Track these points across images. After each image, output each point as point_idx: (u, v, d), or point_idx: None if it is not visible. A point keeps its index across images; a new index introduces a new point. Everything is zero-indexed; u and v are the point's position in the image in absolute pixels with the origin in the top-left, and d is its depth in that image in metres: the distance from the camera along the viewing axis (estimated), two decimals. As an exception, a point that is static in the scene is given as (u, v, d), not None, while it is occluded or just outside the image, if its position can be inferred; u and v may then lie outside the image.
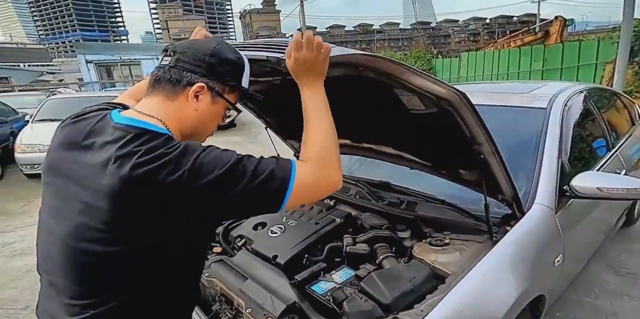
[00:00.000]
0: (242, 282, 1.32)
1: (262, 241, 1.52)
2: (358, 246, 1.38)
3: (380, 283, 1.11)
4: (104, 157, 0.66)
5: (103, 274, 0.69)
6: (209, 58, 0.77)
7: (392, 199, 1.62)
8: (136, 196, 0.64)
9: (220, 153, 0.68)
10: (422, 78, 0.91)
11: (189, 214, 0.66)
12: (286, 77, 1.33)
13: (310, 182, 0.73)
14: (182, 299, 0.82)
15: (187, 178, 0.63)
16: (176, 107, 0.76)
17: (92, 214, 0.66)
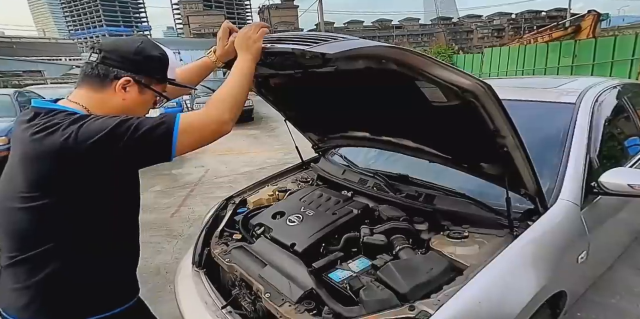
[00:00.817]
0: (261, 268, 1.36)
1: (281, 230, 1.55)
2: (375, 237, 1.39)
3: (397, 272, 1.12)
4: (19, 131, 0.84)
5: (26, 227, 0.84)
6: (133, 56, 0.90)
7: (410, 191, 1.62)
8: (38, 158, 0.79)
9: (108, 119, 0.80)
10: (445, 70, 0.91)
11: (89, 169, 0.80)
12: (307, 70, 1.35)
13: (197, 123, 0.85)
14: (117, 252, 0.96)
15: (75, 139, 0.76)
16: (102, 97, 0.90)
17: (15, 178, 0.83)
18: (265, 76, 1.63)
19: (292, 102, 1.89)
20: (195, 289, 1.52)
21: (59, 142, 0.77)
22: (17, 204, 0.83)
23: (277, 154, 6.08)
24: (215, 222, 1.81)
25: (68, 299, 0.88)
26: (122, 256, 1.00)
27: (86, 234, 0.87)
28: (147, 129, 0.79)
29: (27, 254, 0.84)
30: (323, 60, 0.90)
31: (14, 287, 0.87)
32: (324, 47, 0.85)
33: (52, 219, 0.83)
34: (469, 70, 6.36)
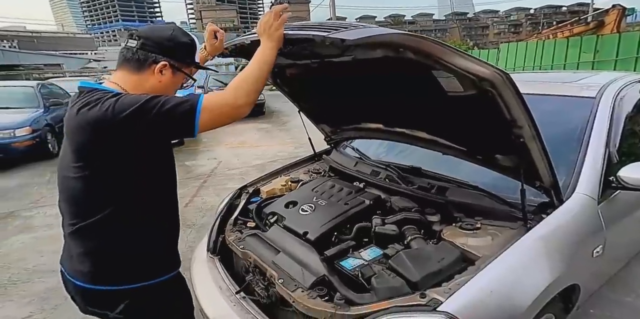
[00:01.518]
0: (274, 255, 1.39)
1: (293, 218, 1.58)
2: (387, 227, 1.40)
3: (409, 261, 1.13)
4: (68, 110, 0.96)
5: (79, 196, 0.97)
6: (167, 42, 1.01)
7: (422, 183, 1.62)
8: (79, 130, 0.90)
9: (140, 96, 0.90)
10: (464, 58, 0.90)
11: (121, 140, 0.89)
12: (324, 60, 1.36)
13: (217, 104, 0.92)
14: (157, 226, 1.06)
15: (111, 112, 0.86)
16: (139, 78, 1.00)
17: (66, 150, 0.96)
18: (282, 66, 1.65)
19: (307, 93, 1.90)
20: (210, 275, 1.57)
21: (96, 115, 0.87)
22: (70, 174, 0.95)
23: (288, 148, 6.11)
24: (229, 210, 1.85)
25: (120, 266, 1.00)
26: (163, 229, 1.09)
27: (127, 205, 0.98)
28: (173, 105, 0.88)
29: (84, 223, 0.97)
30: (342, 48, 0.90)
31: (77, 252, 1.00)
32: (344, 34, 0.86)
33: (96, 189, 0.95)
34: (485, 65, 6.09)
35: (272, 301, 1.31)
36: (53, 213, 3.65)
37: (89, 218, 0.96)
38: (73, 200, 0.99)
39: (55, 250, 2.76)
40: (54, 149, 6.19)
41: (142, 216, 1.01)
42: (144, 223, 1.02)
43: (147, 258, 1.04)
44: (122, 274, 1.00)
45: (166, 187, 1.09)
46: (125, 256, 1.00)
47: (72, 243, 1.02)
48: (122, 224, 0.98)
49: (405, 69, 1.14)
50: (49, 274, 2.48)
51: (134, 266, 1.01)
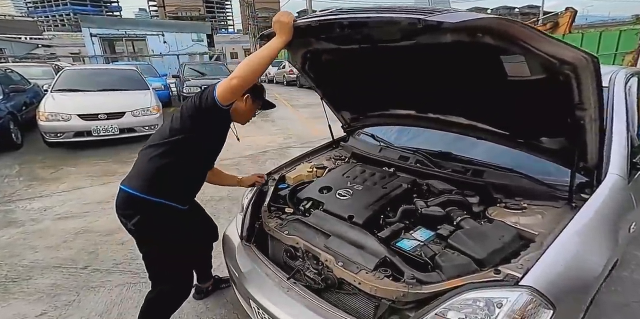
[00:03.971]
0: (325, 239, 1.39)
1: (333, 203, 1.58)
2: (433, 209, 1.44)
3: (469, 240, 1.18)
4: None
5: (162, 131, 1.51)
6: (255, 86, 1.55)
7: (456, 167, 1.68)
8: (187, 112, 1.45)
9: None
10: (552, 43, 0.92)
11: (197, 110, 1.42)
12: (376, 45, 1.36)
13: (223, 87, 1.35)
14: (196, 175, 1.58)
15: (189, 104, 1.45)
16: (238, 100, 1.48)
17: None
18: (320, 51, 1.63)
19: (336, 79, 1.89)
20: (252, 263, 1.55)
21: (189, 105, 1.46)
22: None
23: (276, 139, 6.04)
24: (260, 197, 1.82)
25: (153, 180, 1.43)
26: (194, 176, 1.58)
27: (183, 147, 1.45)
28: (207, 92, 1.41)
29: (153, 143, 1.48)
30: (433, 31, 0.91)
31: (137, 164, 1.50)
32: (442, 17, 0.86)
33: (172, 131, 1.46)
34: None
35: (328, 285, 1.32)
36: (35, 207, 3.41)
37: (154, 142, 1.47)
38: (157, 133, 1.52)
39: (50, 245, 2.64)
40: (17, 139, 5.74)
41: (188, 158, 1.47)
42: (186, 163, 1.48)
43: (173, 185, 1.47)
44: (150, 186, 1.42)
45: (212, 149, 1.59)
46: (161, 175, 1.44)
47: (137, 159, 1.51)
48: (173, 154, 1.45)
49: (468, 54, 1.17)
50: (49, 270, 2.34)
51: (161, 184, 1.44)
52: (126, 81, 6.42)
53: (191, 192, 1.61)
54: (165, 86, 9.58)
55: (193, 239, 1.69)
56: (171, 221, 1.49)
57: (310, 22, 1.20)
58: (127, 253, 2.52)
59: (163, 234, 1.49)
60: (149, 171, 1.44)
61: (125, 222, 1.47)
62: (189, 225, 1.61)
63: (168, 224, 1.48)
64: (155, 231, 1.48)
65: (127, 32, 18.38)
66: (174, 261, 1.55)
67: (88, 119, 5.31)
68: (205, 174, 1.63)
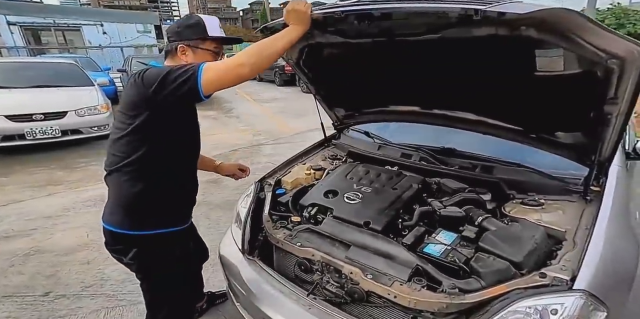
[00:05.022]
0: (345, 250, 1.29)
1: (343, 209, 1.48)
2: (451, 209, 1.40)
3: (502, 242, 1.15)
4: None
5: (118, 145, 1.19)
6: (177, 29, 1.25)
7: (463, 164, 1.66)
8: (134, 88, 1.10)
9: (157, 69, 1.09)
10: (604, 35, 0.87)
11: (153, 100, 1.07)
12: (393, 39, 1.26)
13: (220, 62, 1.09)
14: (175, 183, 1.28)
15: (141, 79, 1.08)
16: (175, 62, 1.23)
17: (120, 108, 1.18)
18: (323, 46, 1.50)
19: (334, 74, 1.76)
20: (261, 279, 1.40)
21: (136, 81, 1.12)
22: (116, 130, 1.19)
23: (245, 135, 5.76)
24: (257, 205, 1.66)
25: (136, 213, 1.22)
26: (180, 187, 1.31)
27: (152, 158, 1.17)
28: (182, 73, 1.03)
29: (114, 167, 1.21)
30: (480, 23, 0.83)
31: (109, 194, 1.28)
32: (503, 7, 0.78)
33: (130, 141, 1.16)
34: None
35: (354, 299, 1.22)
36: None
37: (119, 163, 1.18)
38: (111, 150, 1.21)
39: None
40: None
41: (164, 172, 1.22)
42: (164, 178, 1.22)
43: (164, 209, 1.26)
44: (136, 220, 1.21)
45: (188, 149, 1.31)
46: (145, 205, 1.21)
47: (108, 187, 1.26)
48: (145, 174, 1.18)
49: (492, 48, 1.12)
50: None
51: (149, 214, 1.23)
52: (65, 76, 5.69)
53: (189, 205, 1.41)
54: (110, 81, 8.73)
55: (192, 259, 1.52)
56: (173, 246, 1.32)
57: (333, 12, 1.07)
58: (97, 273, 2.21)
59: (167, 262, 1.32)
60: (128, 204, 1.20)
61: (119, 257, 1.30)
62: (188, 245, 1.44)
63: (170, 250, 1.31)
64: (159, 260, 1.30)
65: (56, 21, 16.36)
66: (176, 286, 1.40)
67: (19, 120, 4.61)
68: (195, 172, 1.39)
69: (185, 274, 1.44)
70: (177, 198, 1.32)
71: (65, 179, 3.94)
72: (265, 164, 4.38)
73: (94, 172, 4.17)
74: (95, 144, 5.25)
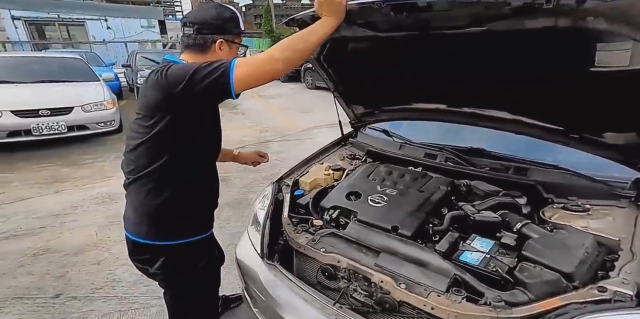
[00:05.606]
0: (374, 256, 1.21)
1: (367, 212, 1.40)
2: (486, 214, 1.31)
3: (548, 250, 1.07)
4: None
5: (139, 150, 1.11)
6: (216, 21, 1.14)
7: (492, 165, 1.57)
8: (156, 88, 1.03)
9: (181, 66, 1.03)
10: None
11: (180, 100, 1.00)
12: (428, 32, 1.17)
13: (250, 59, 0.98)
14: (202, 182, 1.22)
15: (165, 78, 1.00)
16: (205, 57, 1.15)
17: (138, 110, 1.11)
18: (350, 39, 1.41)
19: (355, 70, 1.68)
20: (282, 285, 1.33)
21: (159, 78, 1.03)
22: (134, 133, 1.12)
23: (251, 132, 5.69)
24: (276, 208, 1.59)
25: (161, 223, 1.17)
26: (202, 193, 1.24)
27: (173, 165, 1.10)
28: (212, 70, 0.95)
29: (136, 175, 1.13)
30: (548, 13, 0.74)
31: (129, 202, 1.22)
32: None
33: (152, 147, 1.09)
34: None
35: (384, 309, 1.15)
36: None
37: (141, 171, 1.11)
38: (130, 155, 1.14)
39: (1, 272, 2.16)
40: None
41: (189, 177, 1.15)
42: (189, 183, 1.16)
43: (189, 218, 1.20)
44: (163, 229, 1.16)
45: (212, 150, 1.24)
46: (170, 214, 1.15)
47: (128, 195, 1.19)
48: (170, 181, 1.12)
49: (540, 42, 1.03)
50: (9, 303, 1.91)
51: (174, 224, 1.17)
52: (70, 71, 5.63)
53: (213, 208, 1.34)
54: (115, 77, 8.66)
55: (216, 265, 1.47)
56: (201, 254, 1.28)
57: (372, 2, 1.00)
58: (108, 275, 2.15)
59: (195, 271, 1.27)
60: (154, 213, 1.15)
61: (145, 267, 1.24)
62: (214, 252, 1.40)
63: (198, 259, 1.27)
64: (187, 270, 1.25)
65: (60, 15, 16.28)
66: (201, 295, 1.35)
67: (25, 115, 4.55)
68: (216, 172, 1.32)
69: (210, 281, 1.40)
70: (203, 203, 1.26)
71: (72, 176, 3.89)
72: (274, 161, 4.30)
73: (100, 169, 4.12)
74: (101, 140, 5.20)
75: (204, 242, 1.27)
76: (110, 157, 4.53)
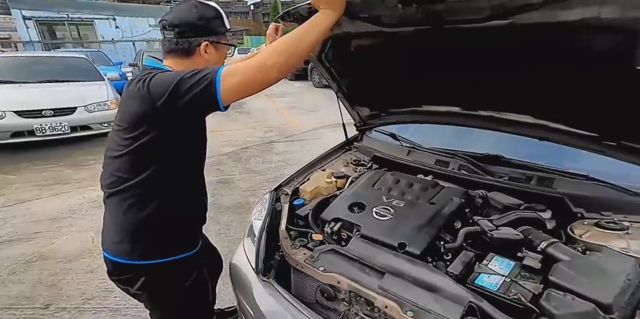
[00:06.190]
0: (378, 277, 1.09)
1: (372, 226, 1.27)
2: (505, 230, 1.18)
3: (581, 276, 0.93)
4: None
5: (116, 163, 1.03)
6: (199, 22, 1.04)
7: (512, 174, 1.43)
8: (138, 99, 0.94)
9: (165, 75, 0.94)
10: None
11: (163, 115, 0.92)
12: (441, 27, 1.04)
13: (240, 67, 0.88)
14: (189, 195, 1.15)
15: (147, 88, 0.91)
16: (190, 62, 1.06)
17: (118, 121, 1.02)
18: (353, 35, 1.28)
19: (360, 69, 1.55)
20: (279, 306, 1.21)
21: (138, 87, 0.95)
22: (114, 145, 1.03)
23: (256, 132, 5.59)
24: (273, 219, 1.47)
25: (141, 241, 1.08)
26: (187, 208, 1.16)
27: (155, 179, 1.02)
28: (197, 82, 0.87)
29: (113, 190, 1.06)
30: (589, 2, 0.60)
31: (106, 221, 1.14)
32: None
33: (130, 160, 1.01)
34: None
35: (390, 337, 1.03)
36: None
37: (121, 185, 1.03)
38: (109, 168, 1.06)
39: None
40: None
41: (174, 191, 1.08)
42: (174, 198, 1.08)
43: (173, 234, 1.12)
44: (146, 248, 1.07)
45: (198, 162, 1.17)
46: (152, 232, 1.07)
47: (106, 210, 1.10)
48: (153, 197, 1.04)
49: (581, 37, 0.89)
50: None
51: (157, 241, 1.09)
52: (75, 70, 5.61)
53: (200, 224, 1.26)
54: (122, 76, 8.66)
55: (207, 278, 1.37)
56: (186, 273, 1.19)
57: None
58: (100, 284, 2.07)
59: (180, 290, 1.19)
60: (134, 231, 1.06)
61: (126, 288, 1.15)
62: (201, 269, 1.28)
63: (183, 277, 1.18)
64: (170, 289, 1.18)
65: (70, 15, 16.42)
66: (190, 313, 1.27)
67: (28, 116, 4.53)
68: (204, 185, 1.25)
69: (200, 299, 1.30)
70: (189, 219, 1.19)
71: (73, 178, 3.84)
72: (278, 163, 4.20)
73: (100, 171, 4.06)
74: (105, 141, 5.14)
75: (190, 259, 1.18)
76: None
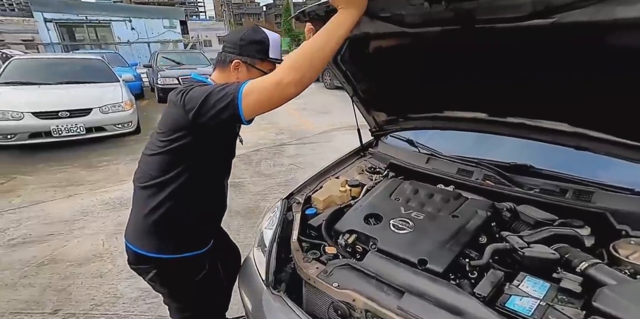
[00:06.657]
0: (397, 297, 1.00)
1: (389, 240, 1.19)
2: (539, 249, 1.08)
3: (630, 303, 0.83)
4: None
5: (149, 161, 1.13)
6: (239, 41, 1.12)
7: (544, 186, 1.32)
8: (175, 109, 1.03)
9: (200, 89, 1.00)
10: None
11: (194, 125, 0.99)
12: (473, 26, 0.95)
13: (260, 86, 0.91)
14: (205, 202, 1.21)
15: (183, 101, 1.00)
16: (226, 75, 1.14)
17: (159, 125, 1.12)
18: (372, 36, 1.20)
19: (378, 72, 1.47)
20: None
21: (178, 98, 1.04)
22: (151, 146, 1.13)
23: (268, 134, 5.55)
24: (285, 229, 1.40)
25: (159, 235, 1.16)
26: (207, 208, 1.25)
27: (181, 179, 1.10)
28: (222, 97, 0.94)
29: (143, 184, 1.14)
30: None
31: (133, 210, 1.23)
32: None
33: (161, 160, 1.10)
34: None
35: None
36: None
37: (148, 181, 1.11)
38: (143, 164, 1.16)
39: (4, 283, 2.10)
40: None
41: (195, 193, 1.15)
42: (194, 199, 1.16)
43: (189, 233, 1.19)
44: (156, 242, 1.15)
45: (224, 169, 1.25)
46: (171, 228, 1.15)
47: (133, 203, 1.19)
48: (174, 195, 1.10)
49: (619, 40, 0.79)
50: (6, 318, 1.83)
51: (173, 238, 1.16)
52: (91, 72, 5.69)
53: (214, 227, 1.34)
54: (136, 77, 8.77)
55: (221, 273, 1.45)
56: (194, 270, 1.26)
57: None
58: (109, 289, 2.04)
59: (189, 286, 1.28)
60: (148, 225, 1.14)
61: (142, 276, 1.26)
62: (214, 266, 1.36)
63: (192, 272, 1.25)
64: (180, 285, 1.27)
65: (88, 17, 16.80)
66: (203, 308, 1.34)
67: (46, 117, 4.60)
68: (225, 192, 1.33)
69: (213, 293, 1.36)
70: (203, 221, 1.25)
71: (87, 179, 3.86)
72: (289, 166, 4.14)
73: (115, 172, 4.08)
74: (120, 142, 5.20)
75: (199, 257, 1.24)
76: (126, 159, 4.50)
